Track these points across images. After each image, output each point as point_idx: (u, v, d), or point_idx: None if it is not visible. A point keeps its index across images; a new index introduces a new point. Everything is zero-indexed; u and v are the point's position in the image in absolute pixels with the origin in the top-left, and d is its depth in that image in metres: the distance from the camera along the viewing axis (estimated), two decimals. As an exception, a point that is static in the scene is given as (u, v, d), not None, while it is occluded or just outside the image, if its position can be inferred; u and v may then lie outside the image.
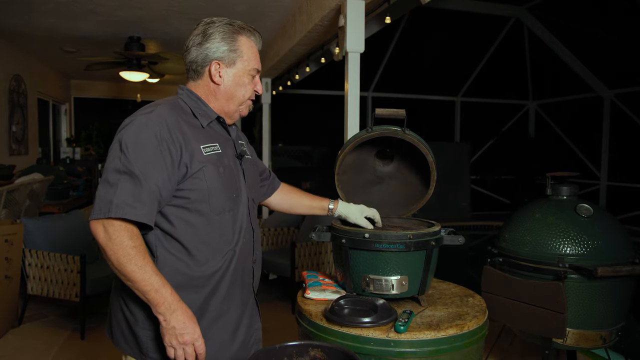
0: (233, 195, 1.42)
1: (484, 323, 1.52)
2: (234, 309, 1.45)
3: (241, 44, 1.45)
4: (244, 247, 1.45)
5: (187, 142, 1.33)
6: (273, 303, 4.52)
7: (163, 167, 1.27)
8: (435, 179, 1.78)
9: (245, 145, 1.62)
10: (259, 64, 1.51)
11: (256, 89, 1.52)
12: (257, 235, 1.54)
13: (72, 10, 4.36)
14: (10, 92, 5.67)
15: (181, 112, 1.39)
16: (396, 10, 4.03)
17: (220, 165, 1.40)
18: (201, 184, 1.33)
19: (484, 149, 9.36)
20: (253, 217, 1.52)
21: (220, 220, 1.38)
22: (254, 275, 1.53)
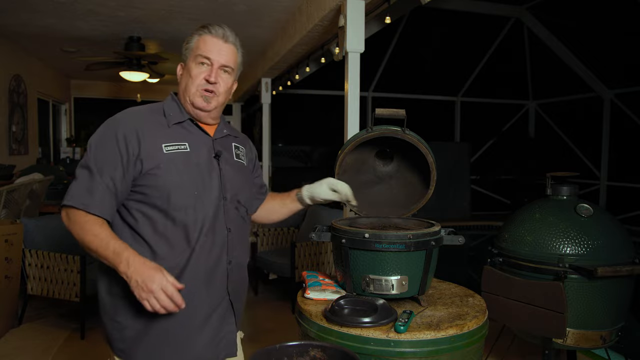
0: (195, 193, 1.42)
1: (484, 323, 1.52)
2: (197, 309, 1.44)
3: (193, 39, 1.51)
4: (207, 246, 1.43)
5: (146, 141, 1.41)
6: (273, 303, 4.52)
7: (119, 163, 1.38)
8: (435, 179, 1.77)
9: (245, 152, 1.66)
10: (209, 50, 1.48)
11: (205, 76, 1.49)
12: (236, 237, 1.52)
13: (72, 10, 4.36)
14: (10, 92, 5.67)
15: (155, 114, 1.49)
16: (396, 10, 4.03)
17: (183, 163, 1.42)
18: (158, 180, 1.39)
19: (484, 149, 9.36)
20: (230, 217, 1.50)
21: (179, 217, 1.40)
22: (228, 277, 1.50)
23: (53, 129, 7.98)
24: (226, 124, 1.65)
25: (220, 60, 1.49)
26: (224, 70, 1.51)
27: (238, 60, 1.57)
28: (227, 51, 1.51)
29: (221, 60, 1.50)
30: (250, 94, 7.98)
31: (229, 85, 1.55)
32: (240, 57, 1.58)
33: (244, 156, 1.65)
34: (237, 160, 1.59)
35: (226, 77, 1.53)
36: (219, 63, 1.49)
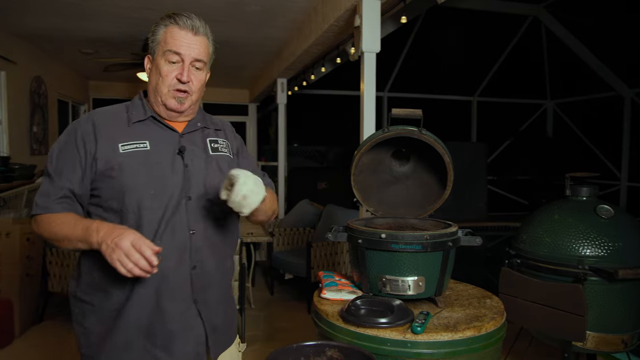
0: (151, 193, 1.34)
1: (502, 325, 1.51)
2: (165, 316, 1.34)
3: (159, 30, 1.40)
4: (165, 251, 1.30)
5: (103, 141, 1.36)
6: (288, 303, 4.53)
7: (77, 165, 1.35)
8: (452, 179, 1.76)
9: (227, 144, 1.53)
10: (178, 45, 1.37)
11: (177, 75, 1.38)
12: (203, 239, 1.39)
13: (90, 13, 4.42)
14: (31, 93, 5.77)
15: (119, 113, 1.44)
16: (412, 9, 4.01)
17: (140, 162, 1.35)
18: (112, 182, 1.33)
19: (501, 149, 9.27)
20: (195, 218, 1.38)
21: (133, 219, 1.33)
22: (193, 283, 1.37)
23: (72, 130, 8.09)
24: (204, 116, 1.55)
25: (191, 55, 1.38)
26: (195, 67, 1.40)
27: (210, 51, 1.46)
28: (198, 44, 1.39)
29: (192, 55, 1.38)
30: (266, 95, 8.01)
31: (202, 80, 1.44)
32: (211, 46, 1.46)
33: (226, 148, 1.51)
34: (215, 154, 1.47)
35: (199, 74, 1.42)
36: (190, 59, 1.38)
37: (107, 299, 1.36)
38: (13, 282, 3.57)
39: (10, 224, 3.61)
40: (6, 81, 5.07)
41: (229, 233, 1.50)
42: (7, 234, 3.55)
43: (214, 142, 1.49)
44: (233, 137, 1.59)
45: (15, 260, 3.57)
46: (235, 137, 1.60)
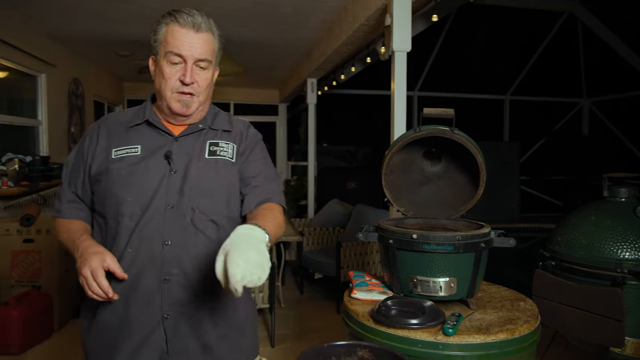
0: (128, 199, 1.29)
1: (536, 328, 1.48)
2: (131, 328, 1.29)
3: (161, 29, 1.33)
4: (129, 258, 1.28)
5: (100, 145, 1.37)
6: (318, 302, 4.55)
7: (81, 169, 1.38)
8: (484, 179, 1.74)
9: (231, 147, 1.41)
10: (180, 45, 1.29)
11: (180, 77, 1.31)
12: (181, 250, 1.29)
13: (126, 16, 4.54)
14: (70, 95, 5.96)
15: (124, 117, 1.43)
16: (443, 7, 3.97)
17: (128, 168, 1.31)
18: (100, 187, 1.34)
19: (534, 148, 9.06)
20: (172, 227, 1.29)
21: (112, 225, 1.31)
22: (162, 296, 1.28)
23: (108, 130, 8.32)
24: (215, 116, 1.45)
25: (193, 54, 1.30)
26: (199, 66, 1.32)
27: (216, 47, 1.37)
28: (200, 42, 1.30)
29: (195, 55, 1.30)
30: (296, 95, 8.05)
31: (208, 80, 1.36)
32: (217, 41, 1.37)
33: (227, 151, 1.40)
34: (212, 158, 1.36)
35: (204, 74, 1.34)
36: (193, 58, 1.30)
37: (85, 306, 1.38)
38: (53, 278, 3.70)
39: (50, 221, 3.73)
40: (46, 83, 5.25)
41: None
42: (47, 231, 3.68)
43: (213, 145, 1.39)
44: (244, 137, 1.45)
45: (55, 257, 3.70)
46: (246, 138, 1.46)
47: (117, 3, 4.15)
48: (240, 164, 1.41)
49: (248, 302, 1.46)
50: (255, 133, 1.50)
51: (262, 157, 1.47)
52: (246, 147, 1.44)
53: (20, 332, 3.28)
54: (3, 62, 4.44)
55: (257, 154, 1.46)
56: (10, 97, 4.90)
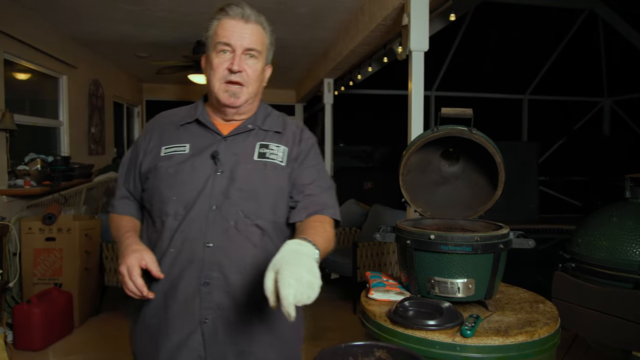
0: (173, 199, 1.28)
1: (556, 331, 1.46)
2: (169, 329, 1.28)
3: (212, 25, 1.34)
4: (170, 259, 1.27)
5: (152, 142, 1.38)
6: (334, 302, 4.55)
7: (132, 169, 1.42)
8: (503, 179, 1.72)
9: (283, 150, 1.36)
10: (229, 35, 1.29)
11: (228, 65, 1.29)
12: (223, 254, 1.26)
13: (145, 18, 4.59)
14: (90, 96, 6.05)
15: (177, 115, 1.44)
16: (461, 6, 3.95)
17: (175, 166, 1.30)
18: (149, 184, 1.35)
19: (554, 148, 8.94)
20: (216, 230, 1.26)
21: (158, 224, 1.31)
22: (201, 299, 1.26)
23: (127, 131, 8.45)
24: (267, 115, 1.42)
25: (242, 43, 1.29)
26: (249, 54, 1.30)
27: (266, 41, 1.35)
28: (249, 32, 1.30)
29: (244, 44, 1.29)
30: (312, 95, 8.06)
31: (258, 71, 1.33)
32: (268, 36, 1.36)
33: (277, 154, 1.35)
34: (261, 160, 1.32)
35: (253, 63, 1.31)
36: (242, 47, 1.29)
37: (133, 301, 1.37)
38: (73, 275, 3.77)
39: (70, 220, 3.80)
40: (67, 85, 5.34)
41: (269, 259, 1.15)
42: (68, 230, 3.75)
43: (263, 147, 1.35)
44: (297, 141, 1.40)
45: (75, 255, 3.76)
46: (300, 142, 1.40)
47: (134, 6, 4.21)
48: (293, 170, 1.36)
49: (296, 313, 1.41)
50: (309, 136, 1.45)
51: (316, 163, 1.42)
52: (300, 152, 1.39)
53: (42, 329, 3.35)
54: (26, 64, 4.53)
55: (311, 160, 1.41)
56: (33, 99, 5.00)
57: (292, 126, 1.44)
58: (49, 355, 3.33)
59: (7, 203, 3.93)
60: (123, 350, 3.43)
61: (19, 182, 4.06)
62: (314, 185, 1.37)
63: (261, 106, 1.43)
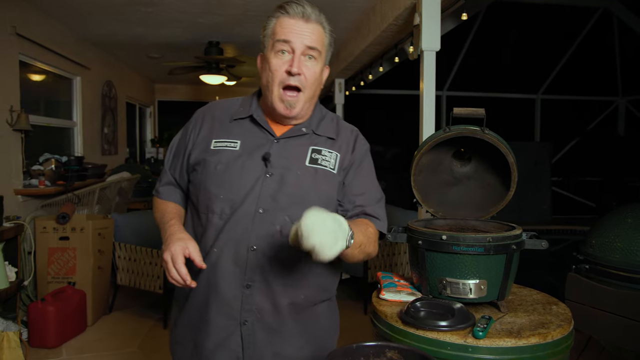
0: (220, 197, 1.26)
1: (570, 333, 1.44)
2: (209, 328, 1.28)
3: (270, 23, 1.29)
4: (213, 259, 1.26)
5: (203, 135, 1.35)
6: (345, 302, 4.54)
7: (181, 155, 1.39)
8: (516, 180, 1.71)
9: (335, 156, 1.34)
10: (287, 33, 1.24)
11: (287, 67, 1.25)
12: (265, 259, 1.26)
13: (158, 19, 4.63)
14: (103, 97, 6.11)
15: (230, 107, 1.40)
16: (473, 5, 3.92)
17: (225, 163, 1.28)
18: (196, 177, 1.33)
19: (567, 148, 8.84)
20: (260, 234, 1.25)
21: (203, 219, 1.30)
22: (242, 303, 1.26)
23: (139, 131, 8.52)
24: (322, 119, 1.39)
25: (303, 42, 1.25)
26: (308, 56, 1.27)
27: (325, 41, 1.31)
28: (310, 31, 1.26)
29: (304, 42, 1.25)
30: (323, 95, 8.07)
31: (316, 73, 1.29)
32: (328, 36, 1.32)
33: (329, 161, 1.33)
34: (312, 167, 1.31)
35: (312, 65, 1.28)
36: (302, 47, 1.25)
37: (178, 289, 1.39)
38: (87, 274, 3.81)
39: (84, 219, 3.84)
40: (81, 86, 5.40)
41: (313, 265, 1.29)
42: (81, 229, 3.79)
43: (316, 152, 1.33)
44: (350, 148, 1.38)
45: (89, 254, 3.80)
46: (353, 150, 1.39)
47: (146, 7, 4.24)
48: (345, 178, 1.35)
49: (331, 315, 1.43)
50: (363, 143, 1.43)
51: (369, 173, 1.41)
52: (353, 160, 1.37)
53: (56, 327, 3.39)
54: (41, 65, 4.59)
55: (364, 169, 1.39)
56: (47, 99, 5.07)
57: (347, 131, 1.41)
58: (63, 353, 3.37)
59: (22, 202, 3.99)
60: (135, 348, 3.47)
61: (33, 182, 4.11)
62: (365, 196, 1.37)
63: (317, 108, 1.40)
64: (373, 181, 1.42)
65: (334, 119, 1.43)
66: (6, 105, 3.83)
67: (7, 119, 3.83)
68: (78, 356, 3.34)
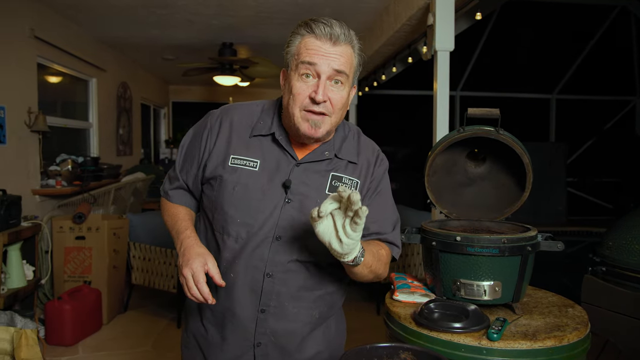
0: (237, 221, 1.22)
1: (586, 336, 1.43)
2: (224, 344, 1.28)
3: (295, 41, 1.20)
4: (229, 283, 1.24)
5: (220, 145, 1.27)
6: (358, 303, 4.54)
7: (195, 163, 1.32)
8: (531, 180, 1.69)
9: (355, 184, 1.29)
10: (313, 56, 1.15)
11: (311, 93, 1.16)
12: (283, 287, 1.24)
13: (172, 21, 4.67)
14: (118, 98, 6.18)
15: (249, 118, 1.30)
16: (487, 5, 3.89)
17: (243, 184, 1.22)
18: (212, 193, 1.27)
19: (583, 149, 8.73)
20: (276, 262, 1.23)
21: (218, 238, 1.26)
22: (257, 326, 1.25)
23: (154, 132, 8.60)
24: (344, 140, 1.32)
25: (330, 66, 1.15)
26: (335, 80, 1.17)
27: (354, 62, 1.22)
28: (338, 55, 1.16)
29: (332, 67, 1.16)
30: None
31: (344, 98, 1.20)
32: (357, 57, 1.23)
33: (351, 188, 1.25)
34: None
35: (339, 90, 1.18)
36: (328, 73, 1.16)
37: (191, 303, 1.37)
38: (102, 273, 3.85)
39: (99, 219, 3.89)
40: (97, 87, 5.47)
41: (324, 284, 1.30)
42: (97, 229, 3.83)
43: (336, 180, 1.27)
44: (370, 172, 1.32)
45: (104, 254, 3.85)
46: (372, 173, 1.33)
47: (161, 9, 4.28)
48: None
49: (338, 323, 1.42)
50: (382, 162, 1.37)
51: (385, 196, 1.36)
52: (371, 184, 1.32)
53: (72, 325, 3.44)
54: (59, 67, 4.66)
55: (381, 194, 1.34)
56: (64, 101, 5.14)
57: (368, 151, 1.35)
58: (79, 351, 3.41)
59: (39, 202, 4.05)
60: (149, 347, 3.50)
61: (50, 182, 4.17)
62: (379, 223, 1.32)
63: (339, 126, 1.32)
64: (388, 204, 1.36)
65: (355, 136, 1.36)
66: (24, 106, 3.90)
67: (26, 121, 3.89)
68: (93, 354, 3.38)
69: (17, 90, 3.81)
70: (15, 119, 3.77)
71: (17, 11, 3.79)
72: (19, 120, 3.82)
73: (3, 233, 3.10)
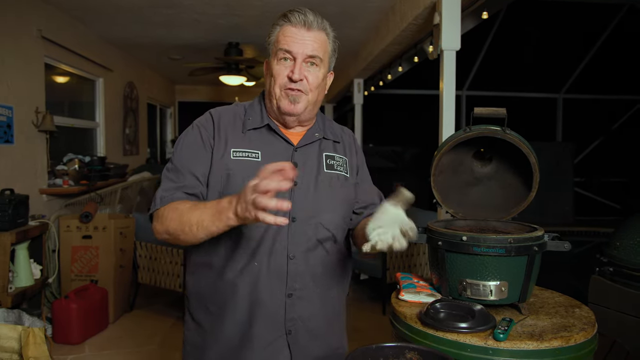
0: None
1: (594, 337, 1.42)
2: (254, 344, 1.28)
3: (274, 31, 1.32)
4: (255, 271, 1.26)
5: (219, 140, 1.30)
6: (364, 303, 4.54)
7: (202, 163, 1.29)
8: (538, 180, 1.69)
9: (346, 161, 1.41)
10: (290, 42, 1.27)
11: (288, 73, 1.26)
12: (305, 267, 1.29)
13: (178, 21, 4.68)
14: (124, 98, 6.21)
15: (237, 115, 1.36)
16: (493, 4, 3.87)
17: (247, 173, 1.21)
18: (218, 187, 1.27)
19: (590, 148, 8.68)
20: (297, 242, 1.28)
21: (234, 232, 1.23)
22: (286, 312, 1.29)
23: (160, 131, 8.63)
24: (324, 123, 1.44)
25: (303, 52, 1.27)
26: (310, 62, 1.29)
27: (328, 48, 1.33)
28: (311, 40, 1.28)
29: (306, 51, 1.27)
30: (342, 95, 8.07)
31: (319, 78, 1.31)
32: (331, 43, 1.34)
33: (342, 166, 1.40)
34: (329, 172, 1.36)
35: (315, 71, 1.30)
36: (303, 55, 1.27)
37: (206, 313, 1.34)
38: (108, 273, 3.87)
39: (106, 219, 3.91)
40: (103, 87, 5.50)
41: (337, 262, 1.38)
42: (103, 228, 3.85)
43: (330, 158, 1.38)
44: (353, 150, 1.47)
45: (111, 253, 3.87)
46: (356, 152, 1.48)
47: (167, 9, 4.29)
48: (355, 181, 1.44)
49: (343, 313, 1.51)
50: (353, 137, 1.52)
51: (368, 172, 1.52)
52: (357, 162, 1.47)
53: (79, 324, 3.46)
54: (66, 67, 4.68)
55: (366, 170, 1.50)
56: (71, 101, 5.17)
57: (345, 134, 1.49)
58: (86, 349, 3.43)
59: (47, 202, 4.08)
60: (155, 346, 3.52)
61: (57, 181, 4.20)
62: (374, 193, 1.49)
63: (317, 114, 1.44)
64: (369, 179, 1.52)
65: (329, 121, 1.49)
66: (32, 106, 3.92)
67: (33, 120, 3.92)
68: (100, 353, 3.40)
69: (25, 91, 3.83)
70: (23, 118, 3.79)
71: (24, 12, 3.82)
72: (27, 120, 3.85)
73: (11, 232, 3.12)
